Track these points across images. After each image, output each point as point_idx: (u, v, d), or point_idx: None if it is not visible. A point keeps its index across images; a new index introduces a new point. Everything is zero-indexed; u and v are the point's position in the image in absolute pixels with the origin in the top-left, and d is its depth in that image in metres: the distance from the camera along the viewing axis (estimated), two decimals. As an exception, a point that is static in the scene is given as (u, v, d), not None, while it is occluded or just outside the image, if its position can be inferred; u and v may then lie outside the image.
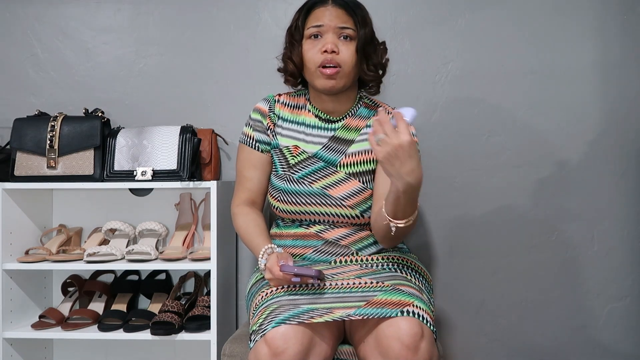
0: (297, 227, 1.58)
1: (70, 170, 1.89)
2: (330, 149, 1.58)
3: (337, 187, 1.54)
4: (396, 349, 1.26)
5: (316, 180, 1.55)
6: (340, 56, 1.50)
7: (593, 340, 2.03)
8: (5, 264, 1.87)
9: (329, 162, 1.57)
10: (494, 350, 2.05)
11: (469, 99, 2.05)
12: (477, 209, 2.06)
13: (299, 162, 1.57)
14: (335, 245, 1.55)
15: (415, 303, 1.32)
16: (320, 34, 1.52)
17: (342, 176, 1.55)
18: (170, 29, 2.14)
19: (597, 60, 2.04)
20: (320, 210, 1.54)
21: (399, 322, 1.28)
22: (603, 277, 2.03)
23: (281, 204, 1.56)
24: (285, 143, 1.60)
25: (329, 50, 1.49)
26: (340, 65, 1.50)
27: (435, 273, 2.06)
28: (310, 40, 1.53)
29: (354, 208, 1.53)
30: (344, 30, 1.52)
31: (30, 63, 2.17)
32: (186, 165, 1.87)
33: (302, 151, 1.58)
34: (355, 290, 1.39)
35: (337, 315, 1.31)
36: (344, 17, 1.52)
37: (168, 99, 2.13)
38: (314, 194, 1.54)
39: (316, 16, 1.54)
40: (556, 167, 2.04)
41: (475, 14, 2.06)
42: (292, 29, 1.59)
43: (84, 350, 2.11)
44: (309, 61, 1.52)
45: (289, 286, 1.41)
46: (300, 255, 1.57)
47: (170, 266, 1.87)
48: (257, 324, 1.33)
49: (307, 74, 1.55)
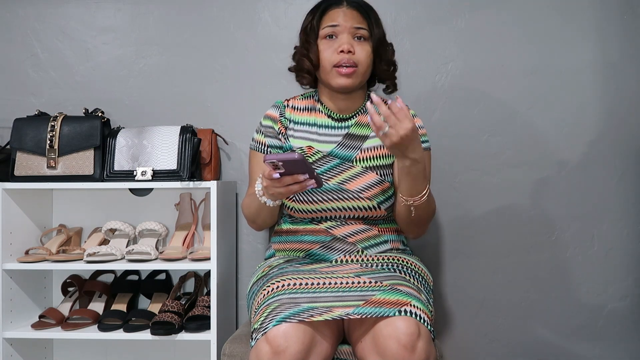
0: (308, 224, 1.60)
1: (70, 170, 1.89)
2: (346, 146, 1.60)
3: (354, 181, 1.56)
4: (393, 348, 1.26)
5: (332, 176, 1.57)
6: (356, 56, 1.55)
7: (593, 340, 2.03)
8: (5, 264, 1.87)
9: (345, 159, 1.59)
10: (494, 350, 2.05)
11: (469, 99, 2.05)
12: (477, 209, 2.06)
13: (314, 161, 1.59)
14: (342, 242, 1.57)
15: (413, 303, 1.32)
16: (336, 34, 1.56)
17: (359, 170, 1.57)
18: (170, 29, 2.14)
19: (597, 60, 2.04)
20: (335, 206, 1.56)
21: (396, 322, 1.28)
22: (603, 277, 2.03)
23: (296, 204, 1.58)
24: (299, 144, 1.62)
25: (345, 50, 1.53)
26: (357, 65, 1.54)
27: (436, 273, 2.05)
28: (325, 40, 1.57)
29: (372, 199, 1.55)
30: (358, 31, 1.56)
31: (30, 63, 2.17)
32: (186, 165, 1.87)
33: (317, 151, 1.60)
34: (354, 289, 1.39)
35: (337, 314, 1.31)
36: (358, 18, 1.58)
37: (168, 99, 2.13)
38: (330, 191, 1.56)
39: (331, 17, 1.58)
40: (556, 167, 2.04)
41: (475, 14, 2.06)
42: (307, 29, 1.62)
43: (84, 350, 2.11)
44: (325, 60, 1.56)
45: (289, 284, 1.40)
46: (307, 250, 1.59)
47: (170, 266, 1.87)
48: (259, 323, 1.33)
49: (323, 73, 1.58)
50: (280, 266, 1.55)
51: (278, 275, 1.47)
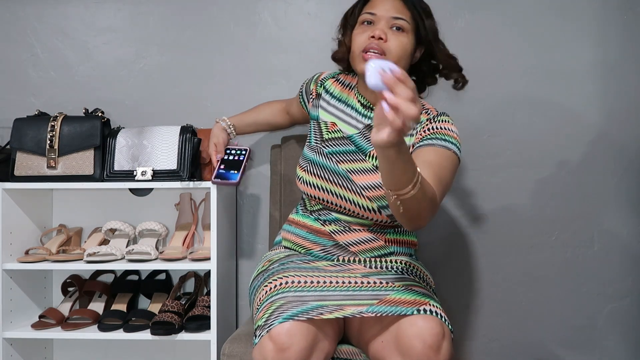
0: (315, 221, 1.58)
1: (70, 170, 1.89)
2: (365, 137, 1.57)
3: (361, 175, 1.52)
4: (418, 348, 1.24)
5: (342, 161, 1.55)
6: (386, 44, 1.49)
7: (593, 340, 2.03)
8: (5, 264, 1.87)
9: (360, 149, 1.56)
10: (494, 350, 2.05)
11: (469, 99, 2.05)
12: (477, 209, 2.06)
13: (332, 139, 1.59)
14: (343, 250, 1.55)
15: (431, 302, 1.32)
16: (373, 21, 1.53)
17: (369, 166, 1.53)
18: (170, 29, 2.14)
19: (597, 60, 2.04)
20: (340, 192, 1.52)
21: (419, 321, 1.26)
22: (603, 277, 2.03)
23: (306, 175, 1.57)
24: (325, 118, 1.64)
25: (376, 36, 1.48)
26: (385, 53, 1.48)
27: (436, 273, 2.05)
28: (362, 26, 1.54)
29: (372, 201, 1.50)
30: (396, 21, 1.51)
31: (30, 63, 2.17)
32: (186, 165, 1.87)
33: (339, 129, 1.60)
34: (365, 289, 1.38)
35: (349, 312, 1.30)
36: (400, 7, 1.53)
37: (168, 99, 2.13)
38: (338, 174, 1.54)
39: (374, 3, 1.55)
40: (556, 167, 2.04)
41: (475, 14, 2.06)
42: (349, 13, 1.62)
43: (84, 350, 2.11)
44: (355, 45, 1.53)
45: (294, 282, 1.40)
46: (308, 249, 1.58)
47: (170, 266, 1.87)
48: (263, 320, 1.31)
49: (352, 57, 1.56)
50: (281, 261, 1.54)
51: (280, 271, 1.47)
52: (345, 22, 1.62)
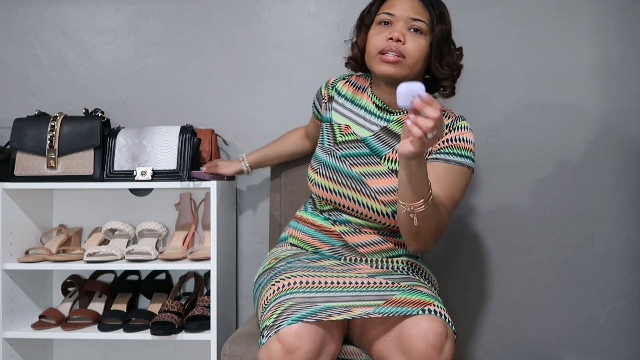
0: (325, 220, 1.57)
1: (70, 170, 1.89)
2: (380, 140, 1.55)
3: (375, 179, 1.50)
4: (421, 348, 1.24)
5: (356, 164, 1.53)
6: (405, 47, 1.46)
7: (593, 340, 2.03)
8: (5, 264, 1.87)
9: (375, 152, 1.54)
10: (494, 350, 2.06)
11: (469, 99, 2.04)
12: (477, 208, 2.06)
13: (345, 141, 1.57)
14: (352, 250, 1.54)
15: (436, 303, 1.32)
16: (391, 22, 1.50)
17: (384, 170, 1.51)
18: (170, 29, 2.14)
19: (597, 60, 2.04)
20: (354, 196, 1.51)
21: (422, 322, 1.26)
22: (603, 277, 2.03)
23: (318, 177, 1.55)
24: (338, 120, 1.61)
25: (394, 38, 1.45)
26: (404, 56, 1.46)
27: (436, 273, 2.05)
28: (379, 26, 1.51)
29: (387, 205, 1.48)
30: (415, 23, 1.48)
31: (30, 63, 2.17)
32: (186, 165, 1.87)
33: (352, 132, 1.58)
34: (372, 289, 1.38)
35: (356, 313, 1.30)
36: (419, 9, 1.50)
37: (168, 99, 2.13)
38: (351, 177, 1.52)
39: (392, 3, 1.51)
40: (556, 167, 2.04)
41: (475, 14, 2.06)
42: (365, 12, 1.58)
43: (84, 350, 2.11)
44: (371, 45, 1.50)
45: (302, 282, 1.40)
46: (316, 248, 1.57)
47: (170, 266, 1.87)
48: (271, 320, 1.30)
49: (368, 58, 1.53)
50: (287, 259, 1.53)
51: (287, 270, 1.46)
52: (361, 22, 1.58)
